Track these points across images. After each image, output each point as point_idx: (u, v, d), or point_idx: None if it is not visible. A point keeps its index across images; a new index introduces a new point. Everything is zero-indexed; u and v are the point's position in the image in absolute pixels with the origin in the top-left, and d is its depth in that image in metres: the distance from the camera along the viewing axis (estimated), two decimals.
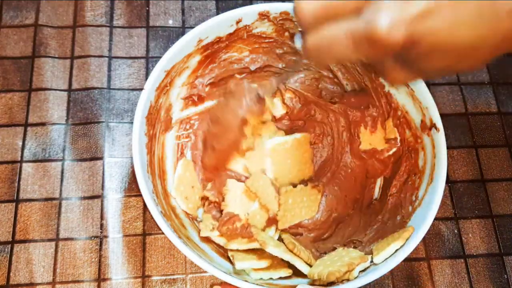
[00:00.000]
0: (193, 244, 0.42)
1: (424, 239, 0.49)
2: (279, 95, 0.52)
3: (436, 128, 0.43)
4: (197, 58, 0.47)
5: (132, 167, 0.50)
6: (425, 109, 0.44)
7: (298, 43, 0.47)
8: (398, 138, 0.48)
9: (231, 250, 0.44)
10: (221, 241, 0.45)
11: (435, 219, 0.42)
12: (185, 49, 0.45)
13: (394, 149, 0.48)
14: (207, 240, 0.45)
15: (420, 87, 0.44)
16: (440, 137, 0.42)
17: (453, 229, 0.51)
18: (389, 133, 0.49)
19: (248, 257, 0.43)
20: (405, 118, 0.47)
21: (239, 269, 0.42)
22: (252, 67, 0.51)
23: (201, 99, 0.51)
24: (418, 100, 0.45)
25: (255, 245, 0.44)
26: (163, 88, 0.45)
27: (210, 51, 0.48)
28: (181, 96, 0.49)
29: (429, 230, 0.41)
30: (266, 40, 0.49)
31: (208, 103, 0.51)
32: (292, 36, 0.49)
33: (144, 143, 0.42)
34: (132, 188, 0.50)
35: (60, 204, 0.48)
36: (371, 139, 0.49)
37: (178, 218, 0.45)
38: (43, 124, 0.51)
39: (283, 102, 0.52)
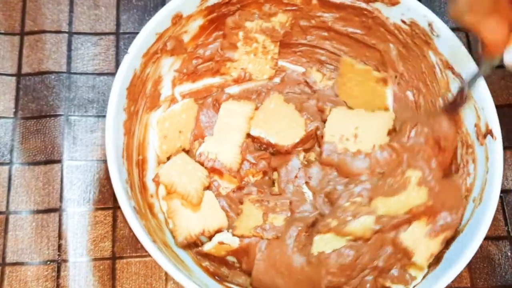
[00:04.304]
0: (170, 252, 0.41)
1: (469, 263, 0.46)
2: None
3: (492, 135, 0.41)
4: (199, 21, 0.46)
5: (99, 173, 0.49)
6: (480, 109, 0.42)
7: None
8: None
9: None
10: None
11: (483, 238, 0.39)
12: (185, 8, 0.44)
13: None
14: (187, 246, 0.44)
15: (479, 83, 0.41)
16: (497, 147, 0.41)
17: (506, 251, 0.50)
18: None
19: None
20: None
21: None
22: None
23: (200, 74, 0.49)
24: (473, 99, 0.43)
25: None
26: (153, 55, 0.44)
27: (216, 15, 0.47)
28: (175, 68, 0.48)
29: (475, 253, 0.39)
30: (288, 8, 0.48)
31: (208, 80, 0.50)
32: (322, 5, 0.47)
33: (121, 121, 0.41)
34: (99, 199, 0.48)
35: (6, 219, 0.47)
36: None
37: (155, 218, 0.44)
38: None
39: None
